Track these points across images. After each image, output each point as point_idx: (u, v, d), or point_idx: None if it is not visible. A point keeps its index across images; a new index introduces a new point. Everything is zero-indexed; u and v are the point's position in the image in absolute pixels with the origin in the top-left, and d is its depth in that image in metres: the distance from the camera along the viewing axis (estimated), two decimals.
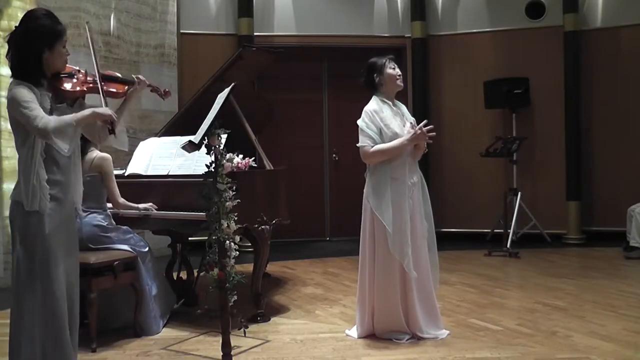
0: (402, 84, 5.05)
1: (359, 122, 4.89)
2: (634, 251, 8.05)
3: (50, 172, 3.35)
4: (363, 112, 4.91)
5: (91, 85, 3.65)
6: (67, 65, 3.55)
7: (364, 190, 4.94)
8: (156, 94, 4.12)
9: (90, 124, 3.63)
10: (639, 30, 9.38)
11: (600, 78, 9.56)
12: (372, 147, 4.81)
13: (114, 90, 3.78)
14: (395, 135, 4.82)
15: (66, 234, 3.49)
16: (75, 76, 3.59)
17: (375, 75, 4.97)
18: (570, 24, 9.43)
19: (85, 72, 3.66)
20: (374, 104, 4.93)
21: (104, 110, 3.49)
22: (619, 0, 9.52)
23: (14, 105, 3.26)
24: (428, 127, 4.81)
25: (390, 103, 4.99)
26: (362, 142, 4.84)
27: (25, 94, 3.27)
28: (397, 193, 4.80)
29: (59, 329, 3.37)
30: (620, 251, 8.30)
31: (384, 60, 4.99)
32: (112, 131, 3.54)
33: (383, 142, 4.81)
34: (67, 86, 3.53)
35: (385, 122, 4.85)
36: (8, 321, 3.47)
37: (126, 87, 3.82)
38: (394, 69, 4.98)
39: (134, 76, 3.90)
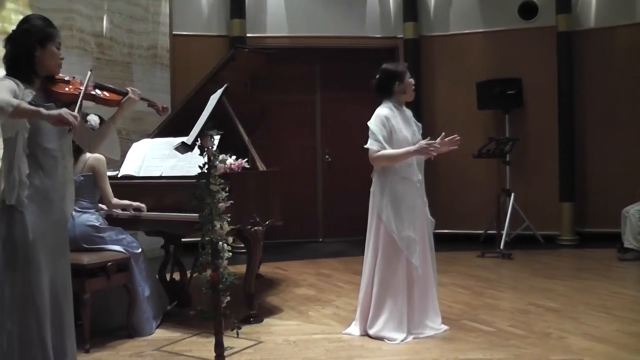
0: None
1: (370, 124, 4.97)
2: (629, 252, 8.05)
3: (35, 175, 3.34)
4: (375, 115, 4.99)
5: (81, 91, 3.63)
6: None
7: (371, 190, 5.05)
8: (153, 109, 4.11)
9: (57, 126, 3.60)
10: (632, 30, 9.38)
11: (594, 78, 9.55)
12: (379, 151, 4.88)
13: (107, 97, 3.79)
14: (405, 140, 4.93)
15: (53, 239, 3.45)
16: (69, 82, 3.61)
17: (397, 82, 5.03)
18: (563, 24, 9.43)
19: (80, 81, 3.67)
20: (386, 110, 5.00)
21: (51, 112, 3.21)
22: (613, 0, 9.53)
23: None
24: (437, 142, 4.92)
25: (400, 109, 5.07)
26: (371, 144, 4.92)
27: (6, 83, 3.26)
28: (404, 191, 4.93)
29: (39, 339, 3.33)
30: (614, 252, 8.27)
31: (404, 69, 5.09)
32: (71, 128, 3.28)
33: (392, 146, 4.89)
34: (58, 88, 3.54)
35: (396, 127, 4.94)
36: None
37: (120, 97, 3.83)
38: (411, 78, 5.07)
39: (128, 88, 3.90)
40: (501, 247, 8.50)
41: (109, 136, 3.78)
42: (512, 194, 9.04)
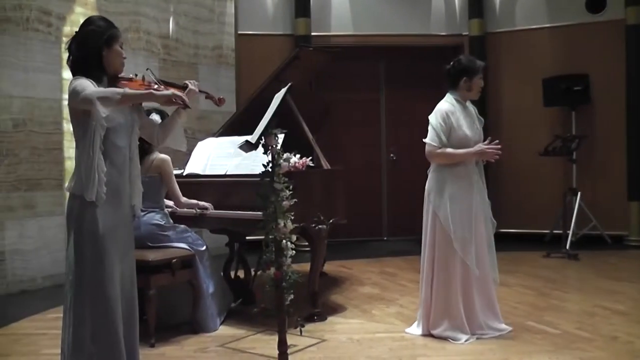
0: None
1: (431, 118, 4.91)
2: None
3: (107, 171, 3.41)
4: (437, 110, 4.92)
5: (148, 87, 3.72)
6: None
7: (426, 187, 4.99)
8: (211, 101, 4.17)
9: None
10: None
11: None
12: (439, 148, 4.84)
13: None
14: (465, 137, 4.86)
15: (122, 235, 3.54)
16: (131, 79, 3.70)
17: (464, 78, 4.93)
18: (632, 17, 9.14)
19: (143, 77, 3.75)
20: (447, 104, 4.93)
21: (163, 92, 3.56)
22: None
23: (73, 95, 3.35)
24: (495, 147, 4.82)
25: (463, 104, 4.99)
26: (431, 139, 4.87)
27: (85, 82, 3.37)
28: (461, 190, 4.86)
29: (112, 331, 3.41)
30: None
31: (479, 68, 4.98)
32: (185, 105, 3.65)
33: (450, 142, 4.84)
34: (122, 86, 3.60)
35: (457, 123, 4.86)
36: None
37: (180, 90, 3.90)
38: (481, 79, 4.99)
39: (186, 82, 3.97)
40: (567, 247, 8.34)
41: (175, 128, 3.84)
42: (579, 193, 8.84)
